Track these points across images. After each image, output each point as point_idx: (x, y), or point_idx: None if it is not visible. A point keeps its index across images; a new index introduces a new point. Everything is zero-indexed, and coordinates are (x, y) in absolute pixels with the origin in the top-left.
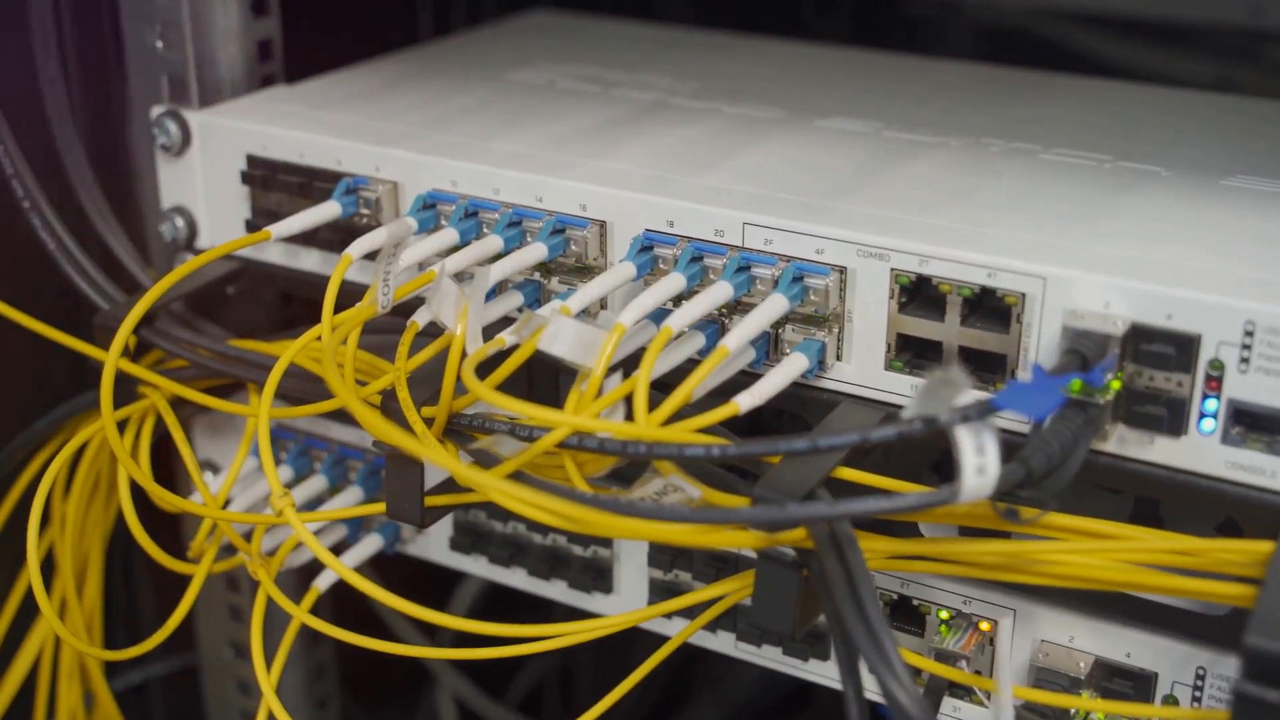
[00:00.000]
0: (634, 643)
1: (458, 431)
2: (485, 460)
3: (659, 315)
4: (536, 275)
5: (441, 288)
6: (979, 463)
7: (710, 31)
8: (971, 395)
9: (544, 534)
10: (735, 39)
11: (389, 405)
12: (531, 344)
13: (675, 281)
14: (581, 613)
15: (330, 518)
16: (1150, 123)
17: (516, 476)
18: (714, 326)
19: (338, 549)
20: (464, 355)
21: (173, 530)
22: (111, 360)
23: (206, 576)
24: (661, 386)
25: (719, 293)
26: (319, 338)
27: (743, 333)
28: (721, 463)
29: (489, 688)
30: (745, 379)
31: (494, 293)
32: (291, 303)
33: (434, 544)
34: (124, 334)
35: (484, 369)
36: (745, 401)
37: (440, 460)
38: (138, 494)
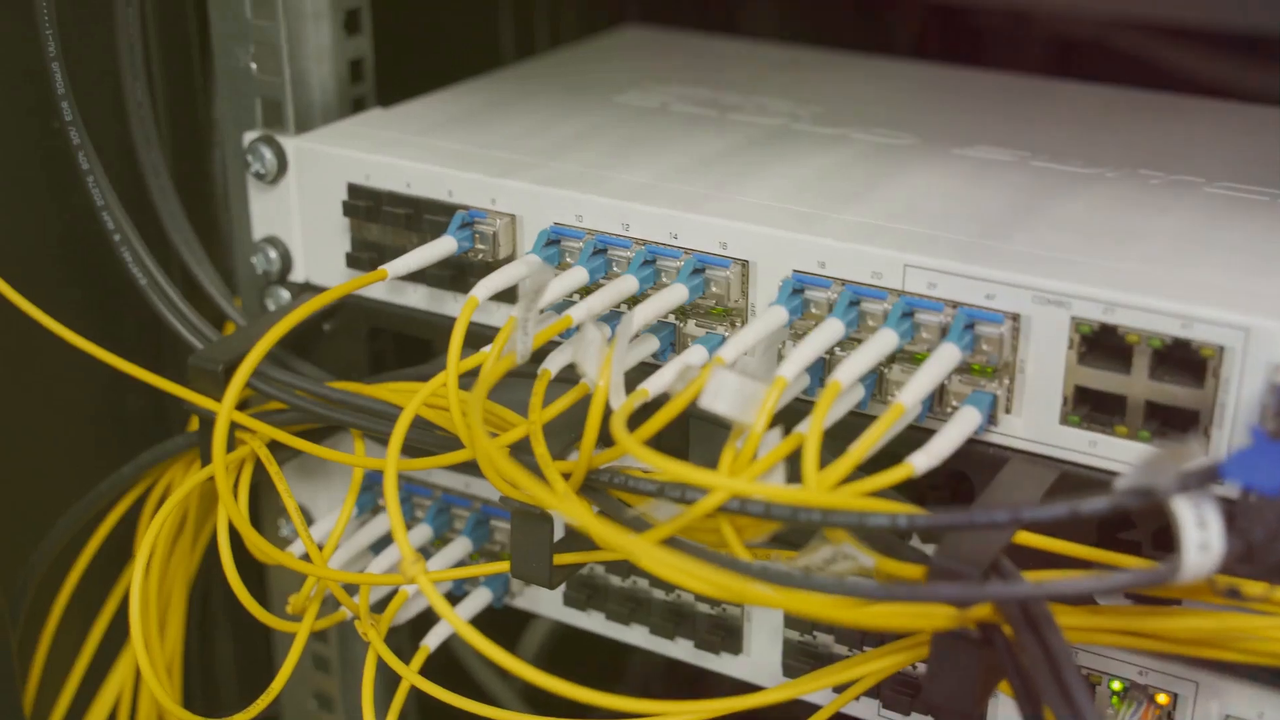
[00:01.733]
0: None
1: (594, 489)
2: (638, 525)
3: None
4: (671, 318)
5: (586, 336)
6: (1201, 538)
7: (814, 49)
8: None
9: (667, 590)
10: (842, 57)
11: (518, 459)
12: (685, 398)
13: (834, 329)
14: (708, 674)
15: (456, 576)
16: None
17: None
18: (872, 376)
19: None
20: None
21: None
22: (226, 411)
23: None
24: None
25: (884, 342)
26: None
27: (917, 388)
28: (906, 533)
29: None
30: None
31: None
32: (378, 337)
33: (545, 598)
34: (239, 385)
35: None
36: (921, 463)
37: (584, 520)
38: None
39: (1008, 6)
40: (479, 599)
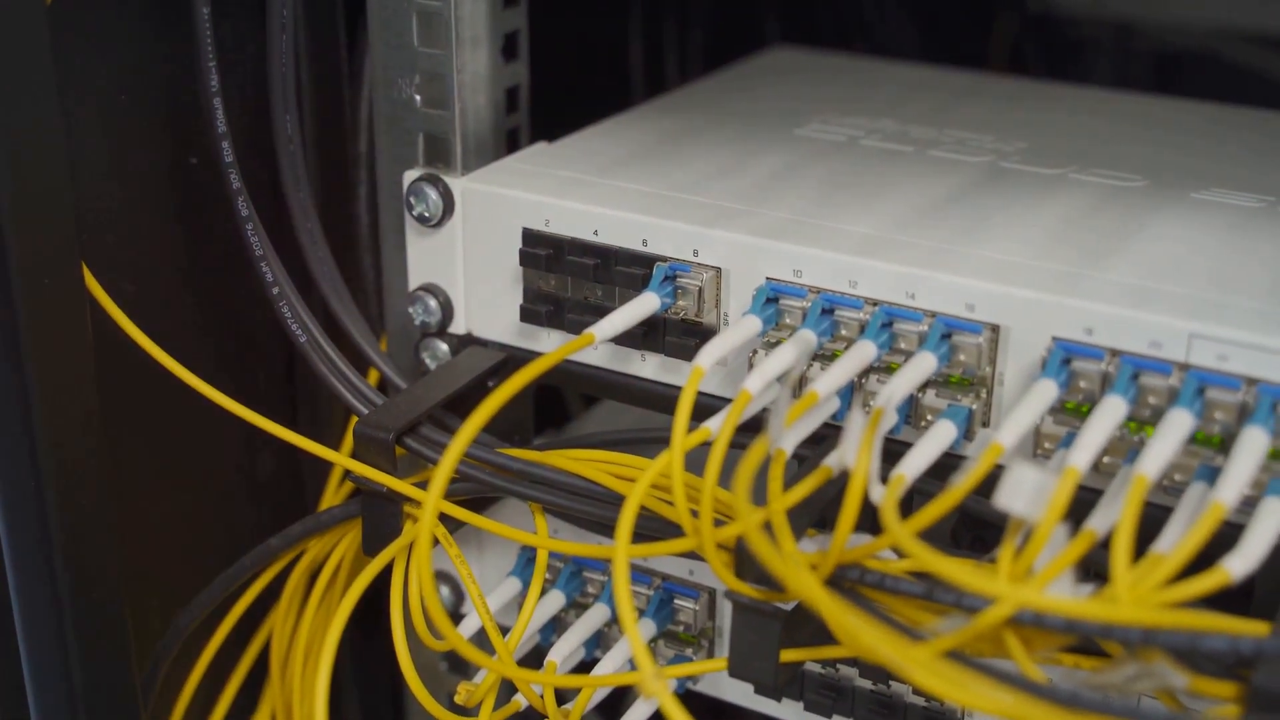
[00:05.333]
0: None
1: (839, 585)
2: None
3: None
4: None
5: (852, 417)
6: None
7: (983, 73)
8: None
9: (875, 679)
10: (1012, 82)
11: (747, 547)
12: (965, 488)
13: (1117, 408)
14: None
15: (682, 674)
16: None
17: None
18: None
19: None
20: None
21: None
22: (433, 503)
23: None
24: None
25: (1179, 425)
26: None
27: (1236, 484)
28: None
29: None
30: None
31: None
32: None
33: (733, 685)
34: (447, 472)
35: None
36: (1238, 568)
37: (847, 624)
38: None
39: (1114, 17)
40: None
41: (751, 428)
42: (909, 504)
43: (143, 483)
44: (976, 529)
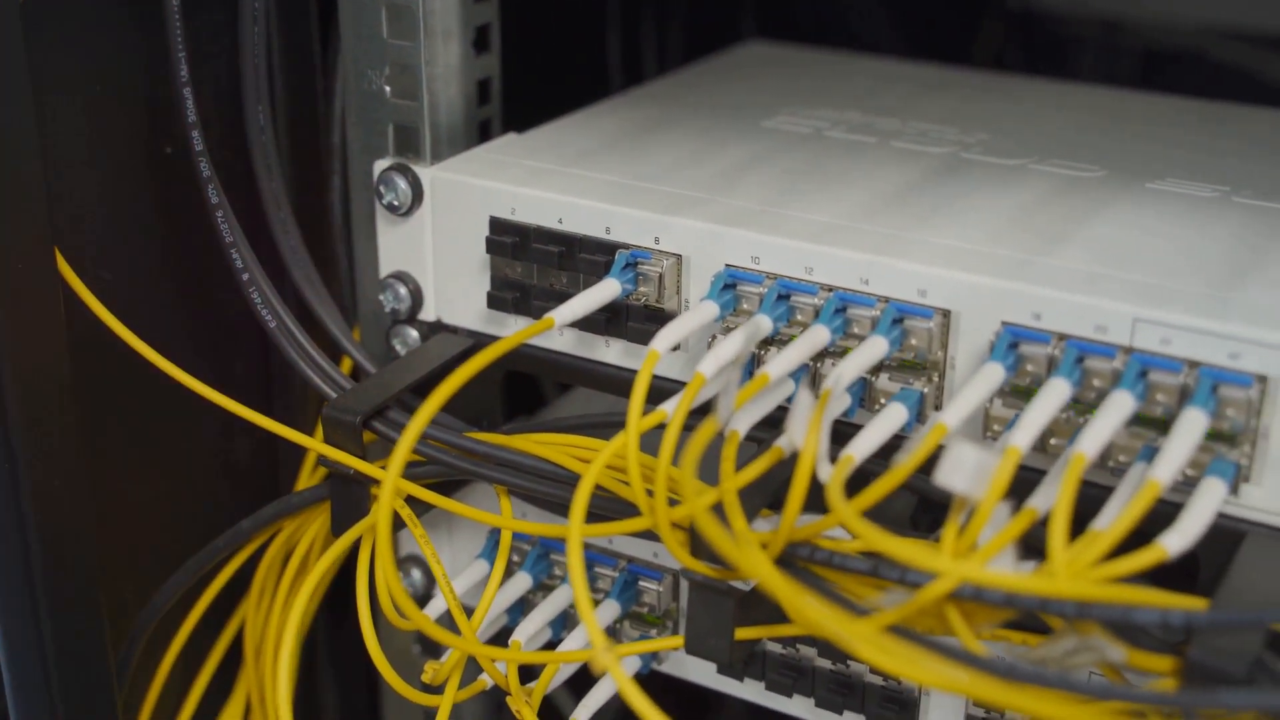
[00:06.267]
0: None
1: (790, 563)
2: (851, 606)
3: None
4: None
5: (799, 399)
6: None
7: (953, 67)
8: None
9: (834, 659)
10: (984, 76)
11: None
12: (909, 467)
13: (1060, 390)
14: None
15: (637, 651)
16: None
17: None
18: None
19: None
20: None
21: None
22: (392, 479)
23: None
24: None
25: (1120, 407)
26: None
27: (1172, 463)
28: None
29: None
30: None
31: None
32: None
33: (696, 666)
34: (405, 450)
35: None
36: (1174, 545)
37: (794, 600)
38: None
39: (1099, 15)
40: (628, 667)
41: (710, 410)
42: (864, 486)
43: (120, 467)
44: (935, 513)
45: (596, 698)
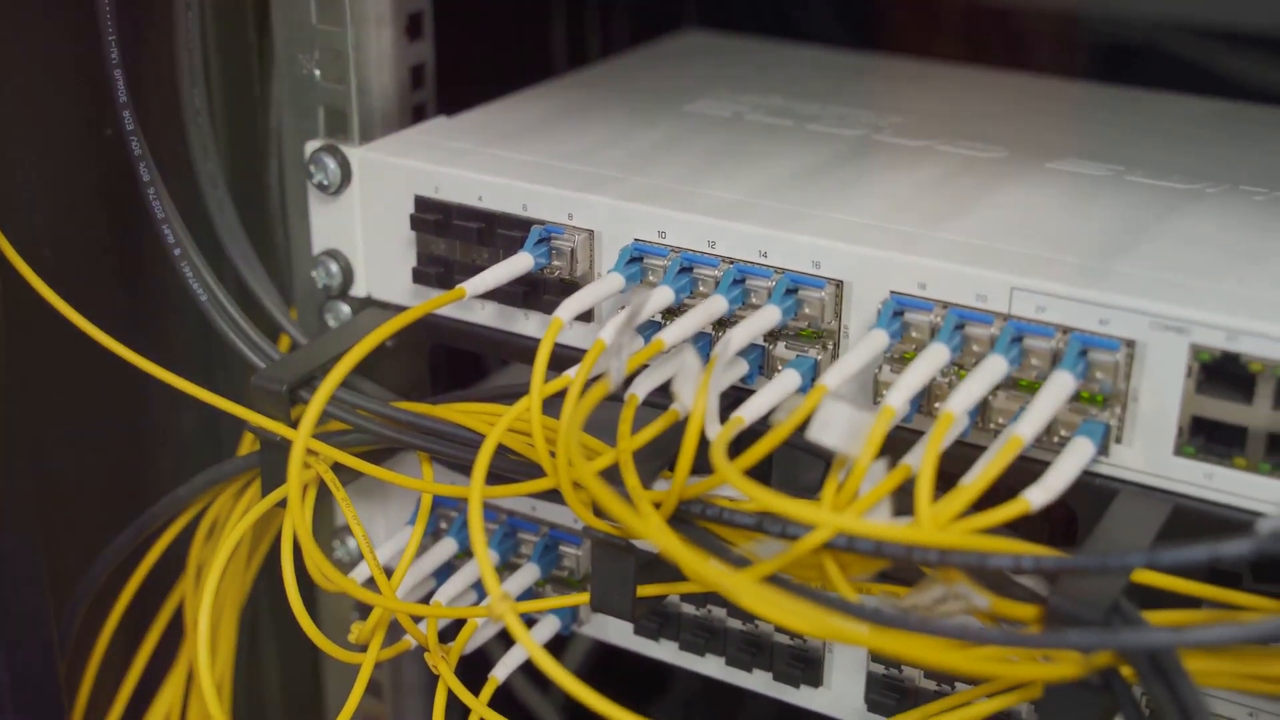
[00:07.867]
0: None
1: (684, 520)
2: (735, 560)
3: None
4: (760, 340)
5: (685, 361)
6: None
7: (878, 55)
8: None
9: (745, 619)
10: (911, 63)
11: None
12: (788, 427)
13: (939, 354)
14: (785, 707)
15: (538, 608)
16: None
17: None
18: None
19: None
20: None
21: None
22: (303, 439)
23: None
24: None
25: (993, 370)
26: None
27: (1036, 420)
28: (1027, 574)
29: None
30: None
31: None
32: (435, 352)
33: (615, 627)
34: (316, 411)
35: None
36: (1037, 498)
37: (680, 554)
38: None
39: (1056, 10)
40: (548, 627)
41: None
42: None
43: (63, 441)
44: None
45: (515, 656)
